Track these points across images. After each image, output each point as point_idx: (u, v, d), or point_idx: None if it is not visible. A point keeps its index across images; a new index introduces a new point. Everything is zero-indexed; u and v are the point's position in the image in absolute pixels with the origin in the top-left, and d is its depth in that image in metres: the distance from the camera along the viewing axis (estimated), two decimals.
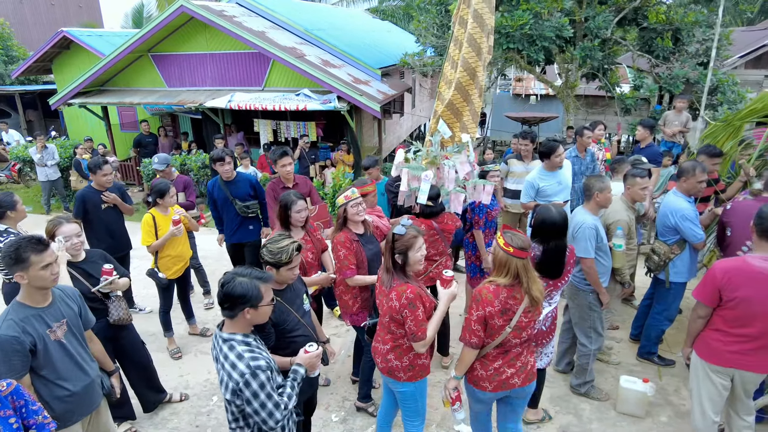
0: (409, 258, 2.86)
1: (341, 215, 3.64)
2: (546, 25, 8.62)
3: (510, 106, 17.22)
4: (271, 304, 2.25)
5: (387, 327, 2.94)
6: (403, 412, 3.19)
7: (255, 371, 2.11)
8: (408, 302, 2.76)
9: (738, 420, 3.25)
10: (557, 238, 3.21)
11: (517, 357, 2.83)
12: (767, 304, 2.81)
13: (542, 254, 3.23)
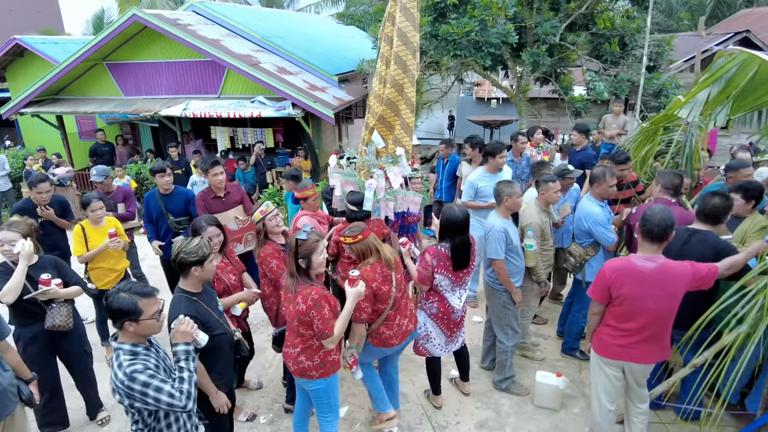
0: (312, 261, 3.03)
1: (261, 230, 3.77)
2: (492, 32, 8.87)
3: (473, 109, 17.54)
4: (154, 318, 2.35)
5: (296, 331, 3.07)
6: (317, 410, 3.33)
7: (131, 375, 2.22)
8: (314, 303, 2.94)
9: (633, 407, 3.48)
10: (462, 233, 3.58)
11: (405, 307, 3.54)
12: (647, 300, 3.03)
13: (452, 249, 3.59)
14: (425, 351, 3.89)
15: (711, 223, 3.47)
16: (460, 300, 3.78)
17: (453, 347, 3.95)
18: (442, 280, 3.63)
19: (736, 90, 3.87)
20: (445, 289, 3.69)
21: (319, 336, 2.99)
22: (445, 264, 3.60)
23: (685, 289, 3.03)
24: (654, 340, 3.13)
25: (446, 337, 3.85)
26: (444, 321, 3.78)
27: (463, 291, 3.79)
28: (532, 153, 6.59)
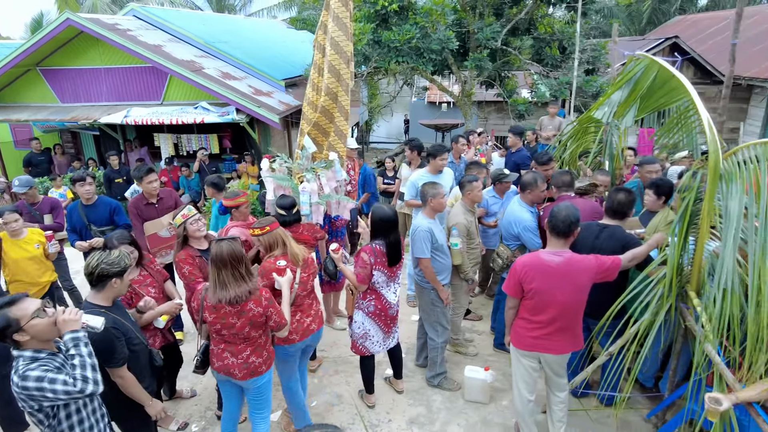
0: (248, 266, 3.11)
1: (181, 234, 3.74)
2: (433, 38, 9.06)
3: (425, 113, 17.82)
4: (37, 317, 2.28)
5: (244, 338, 3.10)
6: (256, 408, 3.39)
7: (23, 375, 2.20)
8: (268, 301, 3.09)
9: (553, 396, 3.63)
10: (394, 230, 3.72)
11: (309, 307, 3.62)
12: (556, 293, 3.18)
13: (387, 247, 3.70)
14: (364, 349, 3.94)
15: (618, 218, 3.67)
16: (395, 294, 3.91)
17: (390, 343, 4.03)
18: (379, 276, 3.74)
19: (641, 92, 4.11)
20: (381, 286, 3.80)
21: (277, 328, 3.16)
22: (381, 260, 3.71)
23: (591, 281, 3.20)
24: (565, 331, 3.29)
25: (384, 333, 3.94)
26: (381, 317, 3.87)
27: (396, 285, 3.92)
28: (469, 155, 6.76)
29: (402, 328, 5.35)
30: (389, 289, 3.86)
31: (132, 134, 11.29)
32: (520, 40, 11.96)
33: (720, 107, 5.88)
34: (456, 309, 4.70)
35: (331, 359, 4.85)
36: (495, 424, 3.99)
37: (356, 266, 3.74)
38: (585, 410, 4.07)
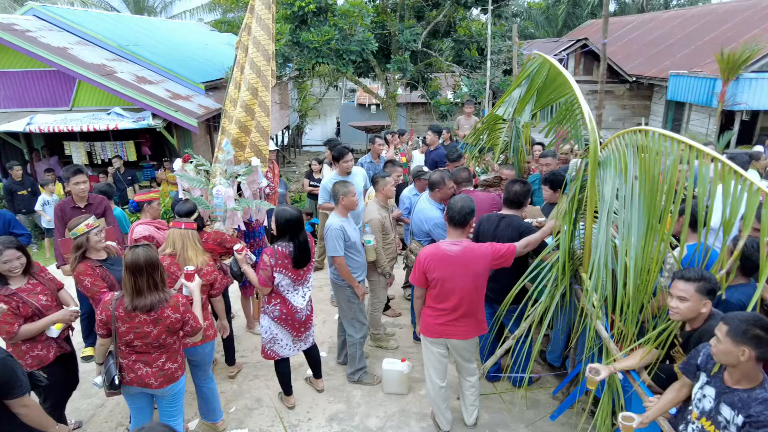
0: (162, 272, 3.03)
1: (83, 245, 3.54)
2: (353, 40, 9.16)
3: (355, 115, 17.92)
4: None
5: (159, 346, 3.00)
6: (171, 415, 3.30)
7: None
8: (185, 307, 3.03)
9: (464, 381, 3.79)
10: (299, 231, 3.65)
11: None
12: (456, 281, 3.33)
13: (296, 249, 3.63)
14: (273, 354, 3.89)
15: (515, 208, 3.88)
16: (304, 299, 3.84)
17: (303, 346, 4.00)
18: (282, 279, 3.65)
19: (536, 89, 4.36)
20: (287, 290, 3.72)
21: (193, 332, 3.09)
22: (284, 263, 3.63)
23: (488, 268, 3.37)
24: (469, 316, 3.44)
25: (293, 337, 3.89)
26: (288, 322, 3.80)
27: (306, 289, 3.85)
28: (389, 155, 6.89)
29: (326, 327, 5.41)
30: (296, 293, 3.77)
31: (40, 143, 10.57)
32: (441, 43, 12.35)
33: (597, 100, 6.33)
34: (375, 304, 4.78)
35: (251, 364, 4.78)
36: (413, 413, 4.09)
37: (258, 268, 3.69)
38: (498, 393, 4.26)
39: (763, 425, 2.12)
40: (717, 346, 2.25)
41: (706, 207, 2.42)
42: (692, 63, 13.74)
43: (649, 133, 2.77)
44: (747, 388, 2.23)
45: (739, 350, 2.15)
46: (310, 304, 3.96)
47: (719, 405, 2.34)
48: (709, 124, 12.58)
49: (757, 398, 2.18)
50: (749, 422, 2.16)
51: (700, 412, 2.46)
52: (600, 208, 3.02)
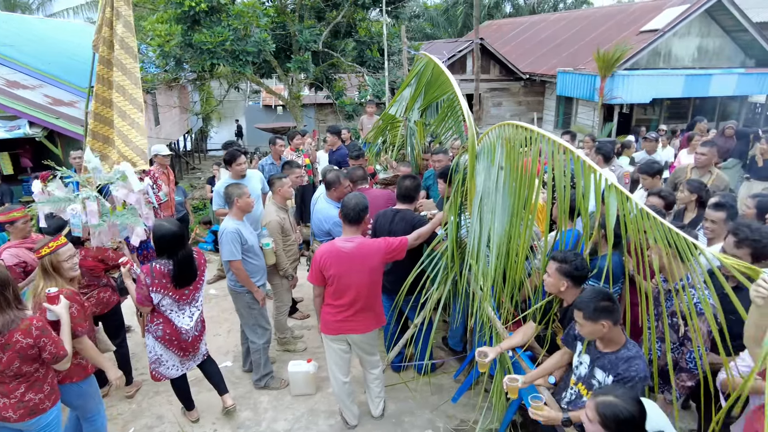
0: (15, 291, 2.74)
1: None
2: (249, 40, 8.98)
3: (261, 117, 17.56)
4: None
5: (15, 375, 2.71)
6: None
7: None
8: (40, 331, 2.71)
9: (368, 374, 3.88)
10: (180, 247, 3.41)
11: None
12: (352, 277, 3.39)
13: (176, 266, 3.39)
14: (159, 375, 3.64)
15: (408, 202, 4.02)
16: (191, 318, 3.58)
17: (192, 364, 3.78)
18: (161, 299, 3.41)
19: (423, 88, 4.55)
20: (170, 309, 3.47)
21: (54, 360, 2.79)
22: (162, 282, 3.36)
23: (382, 262, 3.48)
24: (366, 310, 3.52)
25: (180, 358, 3.65)
26: (174, 343, 3.55)
27: (194, 309, 3.61)
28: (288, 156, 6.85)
29: (232, 337, 5.26)
30: (182, 314, 3.52)
31: None
32: (343, 43, 12.42)
33: (476, 96, 6.73)
34: (279, 308, 4.74)
35: (150, 381, 4.52)
36: (321, 412, 4.11)
37: (135, 285, 3.45)
38: (403, 382, 4.39)
39: (628, 380, 2.41)
40: (582, 329, 2.52)
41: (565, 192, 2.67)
42: (577, 61, 14.94)
43: (514, 126, 2.99)
44: (614, 350, 2.52)
45: (599, 325, 2.44)
46: (200, 324, 3.71)
47: (593, 370, 2.61)
48: (594, 117, 13.76)
49: (622, 358, 2.48)
50: (617, 380, 2.44)
51: (577, 378, 2.73)
52: (474, 198, 3.22)
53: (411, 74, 4.92)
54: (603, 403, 1.97)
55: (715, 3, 13.34)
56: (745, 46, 14.47)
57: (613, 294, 2.60)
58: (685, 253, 2.27)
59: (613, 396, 1.98)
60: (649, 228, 2.40)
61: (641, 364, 2.42)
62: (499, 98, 16.72)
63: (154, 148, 6.35)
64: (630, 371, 2.42)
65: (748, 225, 2.88)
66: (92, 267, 3.73)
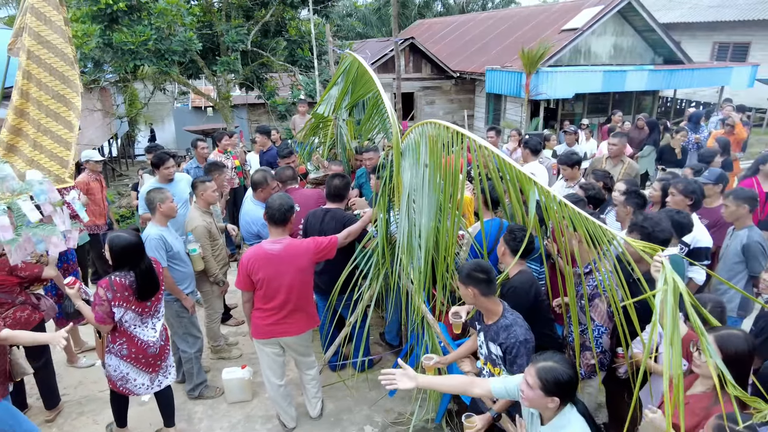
0: None
1: None
2: (174, 40, 8.64)
3: (191, 119, 16.95)
4: None
5: None
6: None
7: None
8: None
9: (304, 375, 3.86)
10: (140, 258, 3.23)
11: None
12: (282, 279, 3.36)
13: (138, 278, 3.19)
14: (127, 391, 3.44)
15: (337, 201, 4.03)
16: (155, 330, 3.41)
17: (163, 380, 3.54)
18: (124, 314, 3.21)
19: (349, 86, 4.56)
20: (133, 324, 3.27)
21: None
22: (124, 295, 3.16)
23: (312, 262, 3.46)
24: (298, 311, 3.49)
25: (150, 374, 3.45)
26: (140, 360, 3.36)
27: (156, 320, 3.42)
28: (220, 158, 6.67)
29: None
30: (145, 327, 3.35)
31: None
32: (274, 42, 12.22)
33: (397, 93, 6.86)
34: (211, 315, 4.61)
35: (74, 401, 4.30)
36: (258, 418, 4.05)
37: (93, 304, 3.23)
38: (342, 381, 4.40)
39: (510, 348, 2.55)
40: (459, 292, 2.72)
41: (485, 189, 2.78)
42: (504, 59, 15.49)
43: (436, 124, 3.08)
44: (494, 321, 2.69)
45: (468, 291, 2.63)
46: (164, 333, 3.54)
47: (488, 344, 2.75)
48: (521, 113, 14.31)
49: (502, 326, 2.66)
50: (503, 349, 2.59)
51: (484, 357, 2.86)
52: (401, 195, 3.28)
53: (337, 73, 4.92)
54: (543, 369, 2.08)
55: (626, 5, 14.26)
56: (654, 45, 15.55)
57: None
58: (599, 238, 2.43)
59: (552, 362, 2.10)
60: (568, 217, 2.56)
61: (518, 329, 2.59)
62: (432, 96, 17.04)
63: (85, 154, 6.06)
64: (510, 338, 2.58)
65: (646, 216, 3.09)
66: (3, 281, 3.47)
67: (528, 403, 2.17)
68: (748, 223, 3.81)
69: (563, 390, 2.06)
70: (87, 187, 5.77)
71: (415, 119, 16.74)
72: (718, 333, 2.11)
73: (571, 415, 2.10)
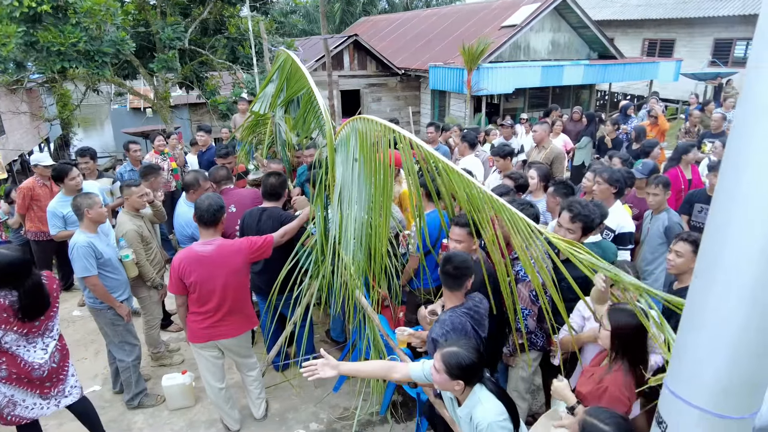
0: None
1: None
2: (105, 40, 8.28)
3: (130, 121, 16.30)
4: None
5: None
6: None
7: None
8: None
9: (245, 377, 3.82)
10: (27, 276, 2.99)
11: None
12: (215, 281, 3.30)
13: (23, 297, 2.95)
14: (17, 419, 3.15)
15: (274, 200, 4.00)
16: (45, 351, 3.13)
17: (65, 400, 3.30)
18: (3, 336, 2.96)
19: (283, 84, 4.53)
20: (15, 345, 3.00)
21: None
22: (4, 317, 2.92)
23: (246, 263, 3.43)
24: (234, 313, 3.45)
25: (40, 396, 3.18)
26: (24, 381, 3.11)
27: (49, 339, 3.16)
28: (156, 160, 6.47)
29: (100, 359, 4.87)
30: (32, 347, 3.07)
31: None
32: (213, 40, 11.90)
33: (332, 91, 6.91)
34: (150, 322, 4.48)
35: None
36: (201, 423, 3.98)
37: None
38: (287, 380, 4.38)
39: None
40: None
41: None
42: (447, 56, 15.74)
43: (366, 120, 3.11)
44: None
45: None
46: (58, 354, 3.24)
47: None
48: (465, 108, 14.61)
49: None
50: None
51: None
52: (335, 190, 3.30)
53: (272, 70, 4.88)
54: (447, 354, 2.20)
55: (561, 2, 14.80)
56: (589, 41, 16.24)
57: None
58: (523, 230, 2.54)
59: (457, 347, 2.21)
60: (495, 207, 2.65)
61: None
62: (378, 93, 17.10)
63: (34, 158, 5.81)
64: (436, 331, 2.65)
65: (579, 202, 3.24)
66: None
67: (438, 386, 2.28)
68: (665, 206, 4.07)
69: (466, 373, 2.17)
70: (32, 193, 5.46)
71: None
72: (612, 307, 2.27)
73: (481, 394, 2.21)
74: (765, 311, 1.20)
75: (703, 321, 1.30)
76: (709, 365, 1.31)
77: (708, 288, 1.28)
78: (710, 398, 1.32)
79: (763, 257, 1.15)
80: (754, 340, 1.24)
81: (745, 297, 1.20)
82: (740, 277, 1.20)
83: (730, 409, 1.32)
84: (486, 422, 2.16)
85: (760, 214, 1.14)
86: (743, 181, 1.16)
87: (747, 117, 1.15)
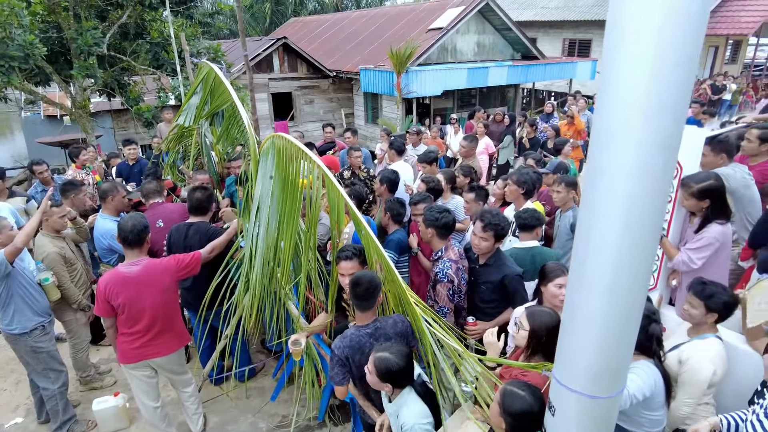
0: None
1: None
2: (12, 44, 7.79)
3: (45, 130, 15.28)
4: None
5: None
6: None
7: None
8: None
9: (181, 393, 3.82)
10: None
11: None
12: (144, 301, 3.27)
13: None
14: None
15: (201, 214, 3.99)
16: None
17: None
18: None
19: (207, 96, 4.52)
20: None
21: None
22: None
23: (174, 281, 3.42)
24: (166, 331, 3.43)
25: None
26: None
27: None
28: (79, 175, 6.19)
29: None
30: None
31: None
32: (137, 45, 11.43)
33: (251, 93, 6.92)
34: (77, 345, 4.34)
35: None
36: None
37: None
38: (225, 393, 4.40)
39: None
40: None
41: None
42: (377, 58, 15.94)
43: (282, 138, 3.21)
44: None
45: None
46: None
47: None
48: (397, 111, 14.88)
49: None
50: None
51: None
52: (252, 205, 3.37)
53: (195, 83, 4.84)
54: (378, 358, 2.34)
55: (485, 5, 15.39)
56: (513, 42, 16.99)
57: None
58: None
59: (388, 352, 2.35)
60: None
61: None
62: (311, 96, 17.05)
63: None
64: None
65: (490, 212, 3.43)
66: None
67: (372, 385, 2.42)
68: (571, 204, 4.43)
69: (394, 378, 2.33)
70: None
71: (296, 119, 16.70)
72: (530, 309, 2.50)
73: (409, 396, 2.38)
74: (621, 309, 1.43)
75: (575, 319, 1.52)
76: (583, 356, 1.53)
77: (578, 291, 1.50)
78: (585, 383, 1.54)
79: (619, 258, 1.36)
80: (614, 333, 1.47)
81: (604, 297, 1.42)
82: (601, 279, 1.41)
83: (600, 390, 1.55)
84: (410, 423, 2.33)
85: (611, 224, 1.34)
86: (600, 190, 1.33)
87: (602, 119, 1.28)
